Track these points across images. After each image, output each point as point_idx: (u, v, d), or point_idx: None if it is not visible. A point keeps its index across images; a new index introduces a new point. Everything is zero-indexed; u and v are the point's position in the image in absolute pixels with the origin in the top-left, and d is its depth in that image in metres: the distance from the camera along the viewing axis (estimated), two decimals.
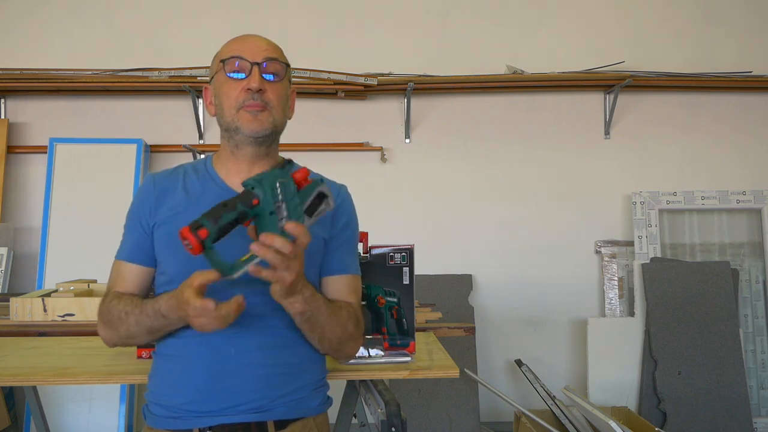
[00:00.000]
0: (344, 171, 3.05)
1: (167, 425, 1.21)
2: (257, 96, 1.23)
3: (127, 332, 1.23)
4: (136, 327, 1.21)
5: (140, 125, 3.18)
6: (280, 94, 1.27)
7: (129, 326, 1.22)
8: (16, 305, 1.99)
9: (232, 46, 1.28)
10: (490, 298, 3.23)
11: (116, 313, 1.23)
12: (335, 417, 1.63)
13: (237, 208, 1.06)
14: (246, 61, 1.24)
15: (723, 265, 2.97)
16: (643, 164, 3.28)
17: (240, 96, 1.24)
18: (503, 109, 3.28)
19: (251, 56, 1.24)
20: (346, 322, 1.27)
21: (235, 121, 1.25)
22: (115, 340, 1.28)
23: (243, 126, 1.24)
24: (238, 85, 1.24)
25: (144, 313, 1.20)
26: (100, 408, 2.84)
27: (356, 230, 1.38)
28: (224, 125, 1.28)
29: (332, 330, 1.24)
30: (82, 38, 3.21)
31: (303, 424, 1.25)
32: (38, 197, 3.13)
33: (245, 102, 1.23)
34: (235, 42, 1.29)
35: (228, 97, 1.25)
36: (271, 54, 1.27)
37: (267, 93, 1.24)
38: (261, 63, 1.24)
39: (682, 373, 2.85)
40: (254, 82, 1.22)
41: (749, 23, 3.32)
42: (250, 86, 1.22)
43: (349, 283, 1.33)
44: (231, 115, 1.25)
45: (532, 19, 3.29)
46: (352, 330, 1.29)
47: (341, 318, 1.26)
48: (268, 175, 1.08)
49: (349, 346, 1.32)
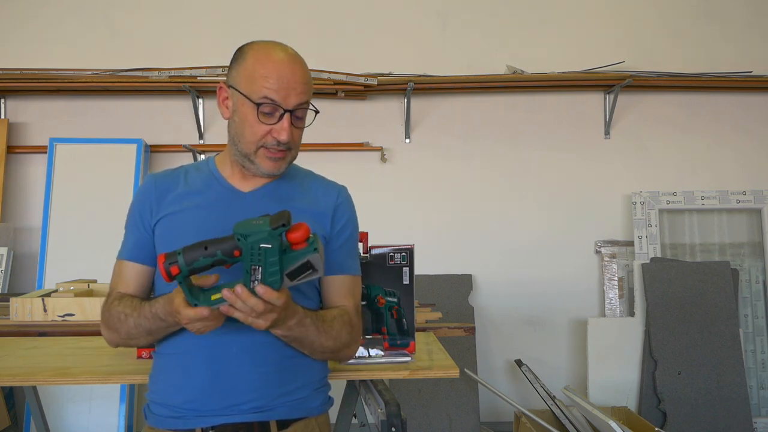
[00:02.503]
0: (344, 171, 3.06)
1: (169, 425, 1.21)
2: (283, 145, 1.23)
3: (127, 334, 1.24)
4: (136, 329, 1.21)
5: (140, 125, 3.18)
6: (301, 134, 1.28)
7: (129, 328, 1.22)
8: (16, 305, 1.99)
9: (268, 81, 1.19)
10: (490, 298, 3.23)
11: (116, 315, 1.23)
12: (335, 417, 1.63)
13: (216, 255, 1.06)
14: (279, 107, 1.21)
15: (723, 265, 2.96)
16: (643, 164, 3.28)
17: (266, 139, 1.22)
18: (503, 109, 3.28)
19: (284, 101, 1.21)
20: (339, 334, 1.26)
21: (252, 156, 1.25)
22: (117, 341, 1.28)
23: (261, 165, 1.25)
24: (265, 127, 1.22)
25: (142, 315, 1.20)
26: (100, 408, 2.83)
27: (356, 231, 1.38)
28: (239, 150, 1.26)
29: (323, 344, 1.24)
30: (82, 38, 3.21)
31: (305, 424, 1.25)
32: (38, 197, 3.13)
33: (269, 145, 1.23)
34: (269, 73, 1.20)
35: (252, 133, 1.22)
36: (304, 97, 1.23)
37: (293, 139, 1.25)
38: (294, 111, 1.22)
39: (682, 373, 2.84)
40: (284, 136, 1.22)
41: (749, 23, 3.32)
42: (279, 138, 1.22)
43: (347, 284, 1.33)
44: (249, 148, 1.24)
45: (532, 19, 3.29)
46: (346, 338, 1.28)
47: (333, 331, 1.25)
48: (257, 233, 1.04)
49: (344, 353, 1.32)
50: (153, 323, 1.19)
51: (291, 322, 1.16)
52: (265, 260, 1.04)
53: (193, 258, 1.06)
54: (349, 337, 1.29)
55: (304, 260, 1.05)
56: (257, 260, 1.04)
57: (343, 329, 1.27)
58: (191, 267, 1.06)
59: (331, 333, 1.25)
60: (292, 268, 1.05)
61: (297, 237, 1.05)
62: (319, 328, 1.22)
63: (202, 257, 1.06)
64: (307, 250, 1.05)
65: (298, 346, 1.23)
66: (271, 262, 1.04)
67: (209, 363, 1.19)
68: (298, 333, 1.19)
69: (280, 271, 1.05)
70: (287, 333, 1.18)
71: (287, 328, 1.17)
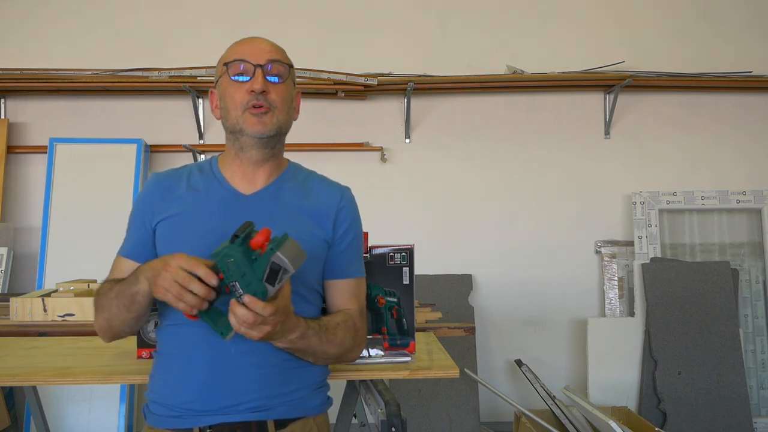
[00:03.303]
0: (344, 171, 3.07)
1: (168, 424, 1.21)
2: (261, 97, 1.24)
3: (109, 310, 1.21)
4: (116, 299, 1.19)
5: (140, 125, 3.18)
6: (283, 96, 1.28)
7: (111, 300, 1.20)
8: (16, 305, 1.99)
9: (236, 49, 1.29)
10: (490, 298, 3.23)
11: (104, 290, 1.23)
12: (335, 417, 1.63)
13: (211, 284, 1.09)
14: (249, 64, 1.25)
15: (723, 265, 2.96)
16: (643, 164, 3.28)
17: (244, 98, 1.25)
18: (503, 109, 3.28)
19: (254, 59, 1.25)
20: (342, 340, 1.27)
21: (239, 123, 1.26)
22: (104, 326, 1.24)
23: (248, 127, 1.25)
24: (242, 87, 1.25)
25: (125, 280, 1.19)
26: (100, 408, 2.83)
27: (360, 233, 1.38)
28: (229, 127, 1.28)
29: (326, 353, 1.25)
30: (83, 38, 3.21)
31: (303, 424, 1.25)
32: (38, 197, 3.13)
33: (249, 103, 1.24)
34: (238, 45, 1.30)
35: (233, 100, 1.26)
36: (275, 56, 1.27)
37: (271, 94, 1.25)
38: (264, 65, 1.25)
39: (682, 373, 2.84)
40: (258, 84, 1.23)
41: (749, 23, 3.32)
42: (253, 88, 1.23)
43: (351, 287, 1.34)
44: (236, 116, 1.26)
45: (532, 19, 3.29)
46: (350, 344, 1.29)
47: (336, 339, 1.26)
48: (222, 251, 1.06)
49: (347, 357, 1.33)
50: (129, 282, 1.17)
51: (292, 336, 1.17)
52: (237, 273, 1.06)
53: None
54: (352, 342, 1.30)
55: (269, 264, 1.06)
56: (231, 276, 1.06)
57: (346, 335, 1.28)
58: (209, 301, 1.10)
59: (335, 341, 1.25)
60: (266, 273, 1.06)
61: (258, 242, 1.06)
62: (322, 338, 1.23)
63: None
64: (268, 253, 1.06)
65: (302, 356, 1.24)
66: (243, 274, 1.05)
67: (208, 363, 1.19)
68: (301, 345, 1.20)
69: (256, 280, 1.05)
70: (289, 346, 1.19)
71: (288, 341, 1.18)
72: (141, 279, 1.15)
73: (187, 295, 1.06)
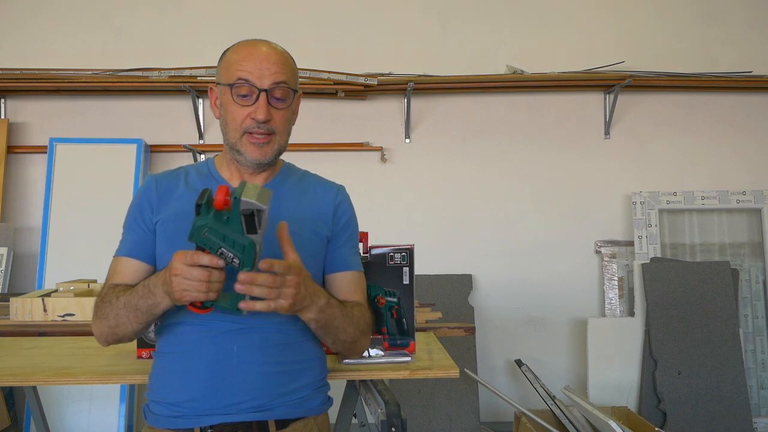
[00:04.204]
0: (344, 171, 3.08)
1: (168, 424, 1.21)
2: (263, 126, 1.22)
3: (116, 319, 1.19)
4: (125, 309, 1.18)
5: (140, 125, 3.18)
6: (286, 118, 1.26)
7: (118, 310, 1.19)
8: (16, 305, 1.99)
9: (242, 63, 1.22)
10: (490, 298, 3.23)
11: (108, 299, 1.21)
12: (335, 417, 1.63)
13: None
14: (254, 87, 1.21)
15: (723, 265, 2.96)
16: (643, 164, 3.28)
17: (246, 122, 1.22)
18: (503, 109, 3.28)
19: (259, 80, 1.21)
20: (359, 321, 1.28)
21: (238, 145, 1.25)
22: (106, 332, 1.23)
23: (247, 153, 1.24)
24: (244, 110, 1.22)
25: (135, 292, 1.17)
26: (100, 408, 2.83)
27: (356, 228, 1.40)
28: (228, 142, 1.27)
29: (346, 331, 1.26)
30: (83, 38, 3.21)
31: (304, 424, 1.25)
32: (38, 197, 3.13)
33: (250, 129, 1.23)
34: (244, 56, 1.23)
35: (233, 118, 1.23)
36: (280, 77, 1.23)
37: (273, 121, 1.23)
38: (269, 89, 1.22)
39: (682, 373, 2.84)
40: (261, 114, 1.21)
41: (749, 23, 3.32)
42: (256, 117, 1.21)
43: (354, 280, 1.34)
44: (235, 137, 1.24)
45: (532, 19, 3.29)
46: (364, 327, 1.31)
47: (354, 317, 1.27)
48: (195, 229, 1.05)
49: (361, 343, 1.34)
50: (141, 298, 1.15)
51: (320, 301, 1.17)
52: (218, 239, 1.04)
53: None
54: (366, 327, 1.32)
55: (242, 212, 1.03)
56: (214, 245, 1.05)
57: (362, 317, 1.30)
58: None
59: (353, 319, 1.26)
60: (243, 225, 1.04)
61: (220, 200, 1.04)
62: (343, 312, 1.24)
63: None
64: (235, 205, 1.04)
65: (325, 333, 1.23)
66: (223, 237, 1.04)
67: (210, 362, 1.19)
68: (329, 315, 1.19)
69: (238, 237, 1.04)
70: (319, 316, 1.17)
71: (318, 309, 1.16)
72: (158, 293, 1.13)
73: (214, 284, 1.06)
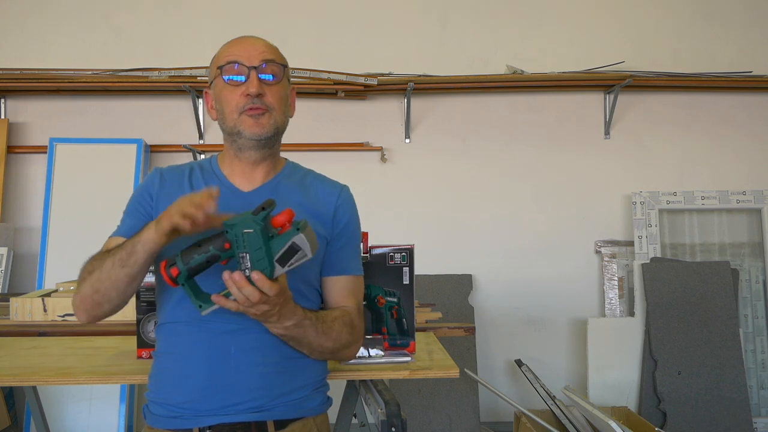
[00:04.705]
0: (344, 171, 3.04)
1: (167, 425, 1.21)
2: (257, 100, 1.24)
3: (99, 273, 1.16)
4: (110, 257, 1.16)
5: (140, 125, 3.18)
6: (279, 96, 1.28)
7: (102, 262, 1.17)
8: (16, 305, 1.99)
9: (229, 50, 1.28)
10: (490, 298, 3.23)
11: (92, 258, 1.22)
12: (335, 417, 1.63)
13: (209, 251, 1.09)
14: (243, 66, 1.25)
15: (723, 265, 2.96)
16: (643, 164, 3.28)
17: (240, 101, 1.24)
18: (503, 109, 3.28)
19: (248, 60, 1.25)
20: (339, 335, 1.27)
21: (237, 126, 1.26)
22: (86, 294, 1.19)
23: (245, 130, 1.25)
24: (237, 89, 1.25)
25: (122, 246, 1.16)
26: (100, 408, 2.83)
27: (358, 231, 1.39)
28: (227, 129, 1.28)
29: (322, 345, 1.25)
30: (83, 38, 3.21)
31: (303, 424, 1.25)
32: (38, 197, 3.13)
33: (246, 106, 1.24)
34: (231, 45, 1.29)
35: (228, 103, 1.26)
36: (268, 56, 1.27)
37: (267, 96, 1.25)
38: (258, 66, 1.25)
39: (682, 373, 2.84)
40: (253, 87, 1.23)
41: (749, 23, 3.32)
42: (249, 92, 1.23)
43: (348, 285, 1.34)
44: (233, 119, 1.26)
45: (532, 19, 3.29)
46: (347, 339, 1.29)
47: (333, 332, 1.26)
48: (241, 221, 1.06)
49: (344, 353, 1.33)
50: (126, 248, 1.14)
51: (288, 323, 1.17)
52: (250, 246, 1.05)
53: (189, 257, 1.09)
54: (350, 338, 1.30)
55: (289, 243, 1.06)
56: (243, 247, 1.06)
57: (343, 330, 1.28)
58: (188, 266, 1.09)
59: (331, 334, 1.25)
60: (280, 252, 1.06)
61: (280, 220, 1.06)
62: (319, 330, 1.22)
63: (196, 255, 1.09)
64: (289, 234, 1.06)
65: (296, 345, 1.23)
66: (256, 247, 1.05)
67: (208, 363, 1.19)
68: (296, 334, 1.20)
69: (267, 256, 1.06)
70: (284, 333, 1.19)
71: (284, 328, 1.18)
72: (144, 228, 1.13)
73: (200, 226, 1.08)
